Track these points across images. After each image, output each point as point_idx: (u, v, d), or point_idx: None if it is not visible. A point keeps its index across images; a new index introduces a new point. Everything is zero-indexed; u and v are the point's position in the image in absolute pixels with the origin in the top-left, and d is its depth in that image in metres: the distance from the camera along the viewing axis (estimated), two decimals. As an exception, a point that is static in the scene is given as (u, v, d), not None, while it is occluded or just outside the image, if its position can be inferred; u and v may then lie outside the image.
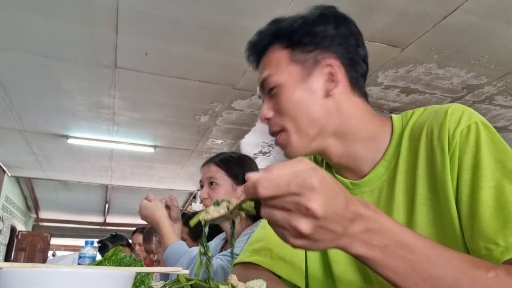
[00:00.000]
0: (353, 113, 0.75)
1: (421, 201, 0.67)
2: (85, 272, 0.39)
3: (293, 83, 0.74)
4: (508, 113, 4.07)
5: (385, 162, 0.74)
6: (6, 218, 7.23)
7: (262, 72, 0.78)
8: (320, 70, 0.75)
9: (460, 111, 0.66)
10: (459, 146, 0.63)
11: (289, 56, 0.76)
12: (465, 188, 0.61)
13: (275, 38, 0.78)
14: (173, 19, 2.65)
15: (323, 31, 0.75)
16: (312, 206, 0.42)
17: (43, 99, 3.89)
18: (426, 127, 0.69)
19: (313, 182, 0.43)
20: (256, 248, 0.81)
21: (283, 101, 0.74)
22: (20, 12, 2.58)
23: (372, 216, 0.47)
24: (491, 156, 0.60)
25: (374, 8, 2.52)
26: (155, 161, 6.00)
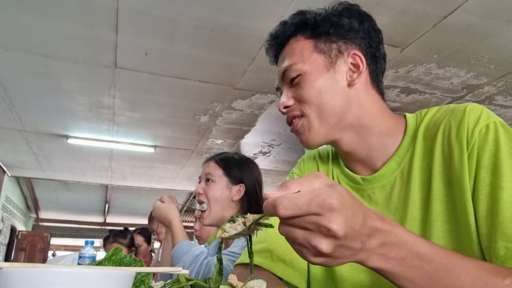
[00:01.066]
0: (372, 106, 0.77)
1: (437, 197, 0.68)
2: (85, 272, 0.39)
3: (317, 71, 0.75)
4: (508, 113, 4.07)
5: (398, 158, 0.75)
6: (6, 218, 7.23)
7: (284, 61, 0.79)
8: (344, 60, 0.76)
9: (479, 110, 0.67)
10: (478, 144, 0.64)
11: (313, 46, 0.77)
12: (483, 186, 0.61)
13: (300, 29, 0.79)
14: (173, 19, 2.65)
15: (348, 23, 0.77)
16: (333, 227, 0.42)
17: (43, 99, 3.89)
18: (444, 125, 0.70)
19: (333, 202, 0.43)
20: (257, 249, 0.80)
21: (306, 88, 0.75)
22: (20, 12, 2.58)
23: (389, 229, 0.48)
24: (510, 156, 0.61)
25: (374, 8, 2.52)
26: (155, 161, 6.00)
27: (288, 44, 0.80)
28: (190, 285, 0.57)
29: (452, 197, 0.66)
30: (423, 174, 0.72)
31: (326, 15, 0.78)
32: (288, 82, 0.78)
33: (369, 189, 0.76)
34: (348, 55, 0.76)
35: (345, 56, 0.76)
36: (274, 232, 0.81)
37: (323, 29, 0.77)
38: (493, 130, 0.64)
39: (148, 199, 8.44)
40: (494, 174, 0.61)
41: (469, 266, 0.50)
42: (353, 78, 0.76)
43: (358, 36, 0.78)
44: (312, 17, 0.79)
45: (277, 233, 0.81)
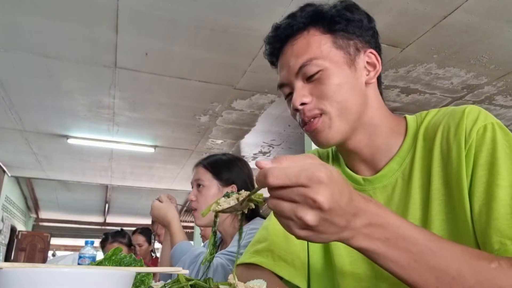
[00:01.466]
0: (380, 106, 0.77)
1: (436, 197, 0.68)
2: (85, 272, 0.39)
3: (339, 67, 0.73)
4: (508, 113, 4.07)
5: (399, 159, 0.75)
6: (6, 218, 7.23)
7: (298, 56, 0.74)
8: (361, 58, 0.76)
9: (477, 111, 0.68)
10: (475, 143, 0.64)
11: (332, 42, 0.74)
12: (479, 184, 0.62)
13: (313, 22, 0.75)
14: (173, 19, 2.65)
15: (361, 20, 0.76)
16: (319, 199, 0.44)
17: (43, 99, 3.89)
18: (443, 126, 0.70)
19: (321, 175, 0.45)
20: (258, 249, 0.81)
21: (328, 85, 0.72)
22: (20, 12, 2.58)
23: (374, 210, 0.49)
24: (506, 156, 0.61)
25: (374, 8, 2.52)
26: (155, 161, 6.01)
27: (300, 38, 0.75)
28: (190, 285, 0.57)
29: (451, 196, 0.67)
30: (423, 174, 0.72)
31: (340, 9, 0.76)
32: (304, 78, 0.74)
33: (370, 190, 0.76)
34: (365, 53, 0.76)
35: (362, 54, 0.76)
36: (274, 232, 0.82)
37: (340, 25, 0.75)
38: (490, 130, 0.64)
39: (148, 199, 8.44)
40: (490, 173, 0.61)
41: (456, 250, 0.50)
42: (371, 77, 0.76)
43: (369, 34, 0.77)
44: (327, 11, 0.76)
45: (277, 233, 0.82)
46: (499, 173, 0.60)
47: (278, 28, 0.78)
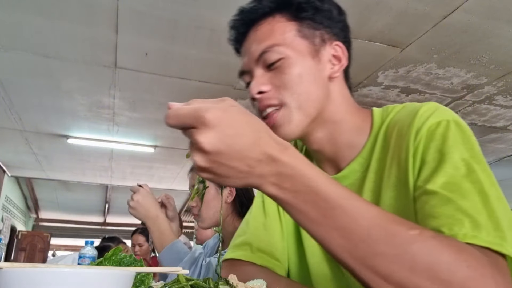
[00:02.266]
0: (344, 102, 0.74)
1: (386, 203, 0.65)
2: (85, 272, 0.39)
3: (302, 57, 0.69)
4: (508, 113, 4.07)
5: (361, 159, 0.72)
6: (6, 218, 7.23)
7: (260, 42, 0.70)
8: (327, 51, 0.72)
9: (433, 108, 0.64)
10: (424, 141, 0.60)
11: (297, 30, 0.70)
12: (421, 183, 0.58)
13: (280, 8, 0.71)
14: (173, 19, 2.65)
15: (330, 11, 0.73)
16: (199, 140, 0.44)
17: (43, 99, 3.89)
18: (399, 124, 0.67)
19: (206, 116, 0.43)
20: (237, 243, 0.81)
21: (289, 74, 0.68)
22: (20, 12, 2.58)
23: (285, 160, 0.46)
24: (456, 151, 0.57)
25: (374, 8, 2.52)
26: (155, 161, 6.01)
27: (264, 23, 0.71)
28: (190, 285, 0.57)
29: (399, 201, 0.63)
30: (377, 177, 0.69)
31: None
32: (264, 65, 0.70)
33: None
34: (331, 45, 0.72)
35: (327, 46, 0.72)
36: (254, 224, 0.82)
37: (308, 13, 0.71)
38: (443, 127, 0.60)
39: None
40: (435, 171, 0.56)
41: (371, 211, 0.47)
42: (335, 71, 0.72)
43: (338, 27, 0.74)
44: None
45: (257, 225, 0.82)
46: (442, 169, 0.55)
47: (243, 11, 0.75)
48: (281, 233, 0.81)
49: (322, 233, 0.47)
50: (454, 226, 0.49)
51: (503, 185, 3.78)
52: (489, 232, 0.48)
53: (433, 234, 0.46)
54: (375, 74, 3.36)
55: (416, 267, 0.43)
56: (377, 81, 3.49)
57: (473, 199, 0.52)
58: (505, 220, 0.51)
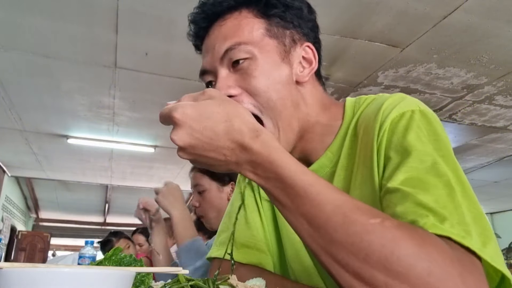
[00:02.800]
0: (316, 103, 0.69)
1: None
2: (85, 272, 0.39)
3: (270, 59, 0.64)
4: (508, 113, 4.07)
5: (331, 154, 0.68)
6: (6, 218, 7.23)
7: (225, 38, 0.64)
8: (297, 52, 0.67)
9: (397, 100, 0.60)
10: (387, 134, 0.57)
11: (265, 28, 0.65)
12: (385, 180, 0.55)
13: (246, 2, 0.66)
14: (173, 19, 2.65)
15: (300, 9, 0.68)
16: (172, 138, 0.49)
17: (43, 99, 3.89)
18: (365, 120, 0.64)
19: (174, 115, 0.49)
20: (221, 240, 0.80)
21: (257, 77, 0.62)
22: (20, 12, 2.58)
23: (256, 148, 0.48)
24: (419, 142, 0.54)
25: (374, 8, 2.52)
26: (155, 161, 6.00)
27: (230, 18, 0.65)
28: (190, 285, 0.57)
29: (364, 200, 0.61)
30: (347, 174, 0.66)
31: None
32: (229, 65, 0.64)
33: None
34: (301, 46, 0.67)
35: (298, 48, 0.67)
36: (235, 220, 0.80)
37: (277, 10, 0.65)
38: (406, 118, 0.57)
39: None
40: (397, 167, 0.53)
41: (337, 198, 0.46)
42: (304, 74, 0.67)
43: (308, 26, 0.69)
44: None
45: (239, 219, 0.80)
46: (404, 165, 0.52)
47: (205, 3, 0.68)
48: (261, 223, 0.80)
49: (292, 219, 0.49)
50: (417, 221, 0.46)
51: (503, 185, 3.82)
52: (453, 224, 0.45)
53: (396, 224, 0.44)
54: (375, 74, 3.36)
55: (371, 257, 0.42)
56: (377, 81, 3.49)
57: (436, 193, 0.48)
58: (470, 215, 0.47)
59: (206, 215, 1.43)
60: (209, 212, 1.42)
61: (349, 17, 2.59)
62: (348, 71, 3.30)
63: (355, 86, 3.58)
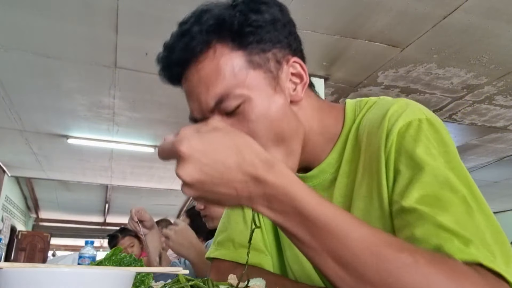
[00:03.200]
0: (315, 113, 0.66)
1: (357, 213, 0.60)
2: (85, 272, 0.39)
3: (262, 93, 0.59)
4: (508, 113, 4.07)
5: (332, 160, 0.67)
6: (6, 218, 7.23)
7: (208, 86, 0.59)
8: (285, 71, 0.62)
9: (403, 107, 0.58)
10: (395, 147, 0.55)
11: (246, 61, 0.59)
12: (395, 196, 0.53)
13: (217, 36, 0.59)
14: (173, 19, 2.64)
15: (273, 21, 0.61)
16: (178, 174, 0.44)
17: (43, 99, 3.89)
18: (368, 126, 0.61)
19: (180, 149, 0.43)
20: (220, 240, 0.80)
21: (256, 121, 0.58)
22: (20, 12, 2.58)
23: (271, 181, 0.44)
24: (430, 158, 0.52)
25: (374, 8, 2.52)
26: (155, 161, 6.00)
27: (206, 60, 0.59)
28: (190, 285, 0.57)
29: (367, 215, 0.59)
30: (349, 181, 0.64)
31: (245, 11, 0.59)
32: (223, 113, 0.59)
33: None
34: (288, 65, 0.62)
35: (284, 66, 0.62)
36: (234, 218, 0.81)
37: (253, 36, 0.59)
38: (414, 128, 0.55)
39: (148, 199, 8.44)
40: (410, 182, 0.52)
41: (361, 232, 0.44)
42: (298, 93, 0.63)
43: (285, 33, 0.63)
44: (231, 17, 0.59)
45: (237, 219, 0.80)
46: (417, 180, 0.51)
47: (173, 49, 0.62)
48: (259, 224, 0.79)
49: (314, 256, 0.45)
50: (442, 246, 0.45)
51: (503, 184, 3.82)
52: (478, 247, 0.45)
53: (428, 259, 0.42)
54: (375, 74, 3.36)
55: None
56: (377, 81, 3.49)
57: (455, 211, 0.48)
58: (489, 232, 0.47)
59: (211, 217, 1.43)
60: (214, 214, 1.41)
61: (349, 17, 2.59)
62: (348, 71, 3.30)
63: (355, 86, 3.58)
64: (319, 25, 2.68)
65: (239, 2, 0.61)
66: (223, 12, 0.60)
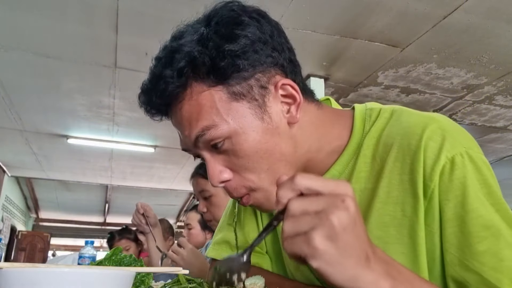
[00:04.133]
0: (315, 128, 0.62)
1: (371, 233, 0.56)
2: (85, 272, 0.39)
3: (249, 126, 0.55)
4: (508, 113, 4.07)
5: (336, 172, 0.63)
6: (6, 218, 7.23)
7: (191, 123, 0.56)
8: (273, 96, 0.57)
9: (439, 136, 0.54)
10: (439, 189, 0.53)
11: (227, 92, 0.55)
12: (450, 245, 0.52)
13: (191, 76, 0.55)
14: (173, 19, 2.64)
15: (250, 43, 0.55)
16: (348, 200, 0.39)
17: (43, 99, 3.89)
18: (397, 149, 0.57)
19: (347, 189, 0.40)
20: (217, 240, 0.81)
21: (244, 156, 0.56)
22: (20, 12, 2.58)
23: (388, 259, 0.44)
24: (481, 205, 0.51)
25: (374, 8, 2.52)
26: (155, 161, 6.00)
27: (184, 101, 0.56)
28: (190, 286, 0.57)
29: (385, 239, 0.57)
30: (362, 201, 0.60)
31: (217, 43, 0.55)
32: (209, 148, 0.57)
33: None
34: (276, 87, 0.57)
35: (272, 90, 0.57)
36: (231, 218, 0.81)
37: (230, 68, 0.54)
38: (460, 167, 0.52)
39: (148, 199, 8.43)
40: (461, 232, 0.51)
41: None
42: (293, 115, 0.58)
43: (268, 52, 0.57)
44: (203, 54, 0.54)
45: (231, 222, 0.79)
46: (472, 235, 0.50)
47: (150, 95, 0.60)
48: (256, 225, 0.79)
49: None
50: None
51: (503, 184, 3.77)
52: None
53: None
54: (375, 74, 3.36)
55: None
56: (377, 81, 3.49)
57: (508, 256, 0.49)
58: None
59: (215, 219, 1.43)
60: (217, 216, 1.41)
61: (349, 17, 2.59)
62: (348, 71, 3.30)
63: (355, 86, 3.58)
64: (319, 25, 2.68)
65: (210, 31, 0.56)
66: (193, 48, 0.55)
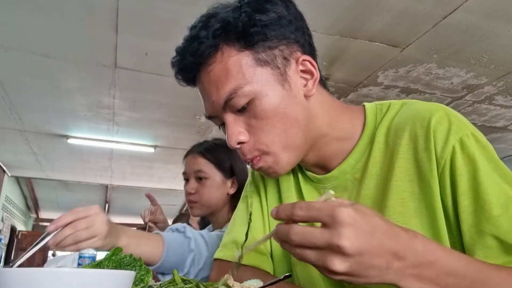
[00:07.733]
0: (327, 113, 0.68)
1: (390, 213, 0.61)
2: (85, 272, 0.39)
3: (270, 89, 0.62)
4: (508, 113, 4.07)
5: (352, 161, 0.68)
6: (6, 218, 7.23)
7: (218, 86, 0.62)
8: (294, 69, 0.64)
9: (446, 121, 0.59)
10: (449, 165, 0.57)
11: (254, 59, 0.62)
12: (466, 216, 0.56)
13: (224, 39, 0.62)
14: (173, 19, 2.65)
15: (278, 17, 0.63)
16: (342, 244, 0.40)
17: (43, 99, 3.89)
18: (409, 133, 0.62)
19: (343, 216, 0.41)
20: (224, 242, 0.81)
21: (264, 118, 0.62)
22: (20, 12, 2.58)
23: (420, 248, 0.44)
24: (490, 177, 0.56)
25: (374, 8, 2.52)
26: (155, 161, 6.00)
27: (215, 63, 0.62)
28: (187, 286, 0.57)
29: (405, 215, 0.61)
30: (378, 182, 0.65)
31: (250, 12, 0.62)
32: (234, 110, 0.63)
33: (321, 189, 0.72)
34: (297, 62, 0.64)
35: (293, 63, 0.64)
36: (240, 221, 0.82)
37: (258, 36, 0.61)
38: (468, 146, 0.57)
39: (147, 200, 8.42)
40: (476, 201, 0.55)
41: (504, 276, 0.47)
42: (310, 88, 0.64)
43: (292, 30, 0.64)
44: (236, 19, 0.61)
45: (242, 221, 0.81)
46: (486, 202, 0.54)
47: (184, 54, 0.66)
48: (263, 227, 0.80)
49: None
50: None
51: (503, 185, 3.66)
52: None
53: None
54: (375, 74, 3.36)
55: None
56: (377, 81, 3.49)
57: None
58: None
59: (201, 201, 1.32)
60: (205, 199, 1.30)
61: (349, 17, 2.59)
62: (348, 71, 3.30)
63: (355, 86, 3.57)
64: (319, 25, 2.67)
65: (244, 3, 0.63)
66: (228, 15, 0.62)
